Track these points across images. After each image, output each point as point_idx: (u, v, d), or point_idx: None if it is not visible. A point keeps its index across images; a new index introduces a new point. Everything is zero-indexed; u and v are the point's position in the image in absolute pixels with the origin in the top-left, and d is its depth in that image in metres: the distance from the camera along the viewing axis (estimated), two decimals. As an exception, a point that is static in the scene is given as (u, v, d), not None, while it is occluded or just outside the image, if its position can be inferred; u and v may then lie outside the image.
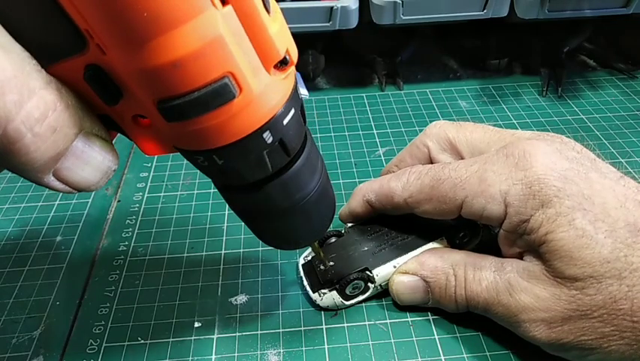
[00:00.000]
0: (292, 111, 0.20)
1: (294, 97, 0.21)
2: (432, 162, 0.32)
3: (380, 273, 0.30)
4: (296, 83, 0.21)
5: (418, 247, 0.31)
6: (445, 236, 0.31)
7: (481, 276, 0.28)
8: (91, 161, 0.19)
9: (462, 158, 0.31)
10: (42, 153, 0.18)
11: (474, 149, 0.31)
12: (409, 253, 0.31)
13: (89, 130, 0.19)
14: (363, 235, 0.32)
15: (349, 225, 0.34)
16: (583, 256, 0.24)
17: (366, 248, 0.31)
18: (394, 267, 0.30)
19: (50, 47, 0.17)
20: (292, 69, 0.20)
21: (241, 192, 0.23)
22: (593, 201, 0.25)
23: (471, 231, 0.31)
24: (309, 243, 0.29)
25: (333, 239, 0.32)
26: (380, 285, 0.31)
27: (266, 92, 0.18)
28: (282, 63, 0.19)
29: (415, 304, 0.31)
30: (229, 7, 0.16)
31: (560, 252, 0.24)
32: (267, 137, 0.19)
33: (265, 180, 0.22)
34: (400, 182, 0.30)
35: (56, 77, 0.18)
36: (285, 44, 0.19)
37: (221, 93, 0.17)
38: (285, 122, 0.20)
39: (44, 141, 0.17)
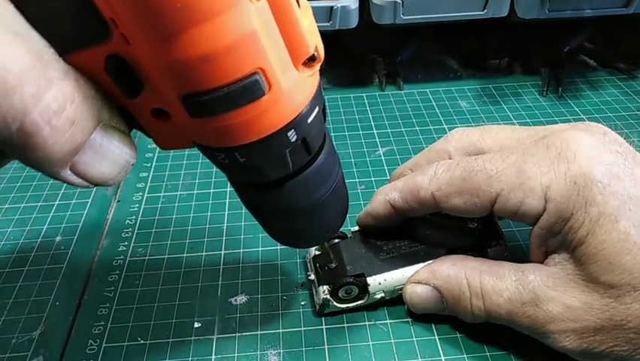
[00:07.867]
0: (316, 109, 0.20)
1: (319, 95, 0.20)
2: None
3: (376, 281, 0.29)
4: (320, 80, 0.21)
5: (424, 261, 0.30)
6: (459, 250, 0.30)
7: (501, 286, 0.26)
8: (109, 154, 0.18)
9: None
10: (60, 147, 0.17)
11: (503, 148, 0.28)
12: (415, 265, 0.30)
13: (107, 122, 0.18)
14: (369, 241, 0.31)
15: (355, 229, 0.32)
16: (623, 262, 0.22)
17: (369, 254, 0.31)
18: (393, 278, 0.29)
19: (70, 35, 0.16)
20: (319, 66, 0.20)
21: (259, 190, 0.22)
22: (639, 201, 0.23)
23: (486, 244, 0.30)
24: (321, 241, 0.28)
25: (336, 240, 0.32)
26: (383, 293, 0.30)
27: (294, 89, 0.18)
28: (311, 60, 0.18)
29: (431, 312, 0.29)
30: (263, 1, 0.16)
31: (598, 256, 0.23)
32: (292, 135, 0.19)
33: (285, 179, 0.21)
34: (427, 175, 0.28)
35: (74, 67, 0.17)
36: (314, 40, 0.18)
37: (250, 90, 0.16)
38: (310, 120, 0.19)
39: (62, 135, 0.17)
